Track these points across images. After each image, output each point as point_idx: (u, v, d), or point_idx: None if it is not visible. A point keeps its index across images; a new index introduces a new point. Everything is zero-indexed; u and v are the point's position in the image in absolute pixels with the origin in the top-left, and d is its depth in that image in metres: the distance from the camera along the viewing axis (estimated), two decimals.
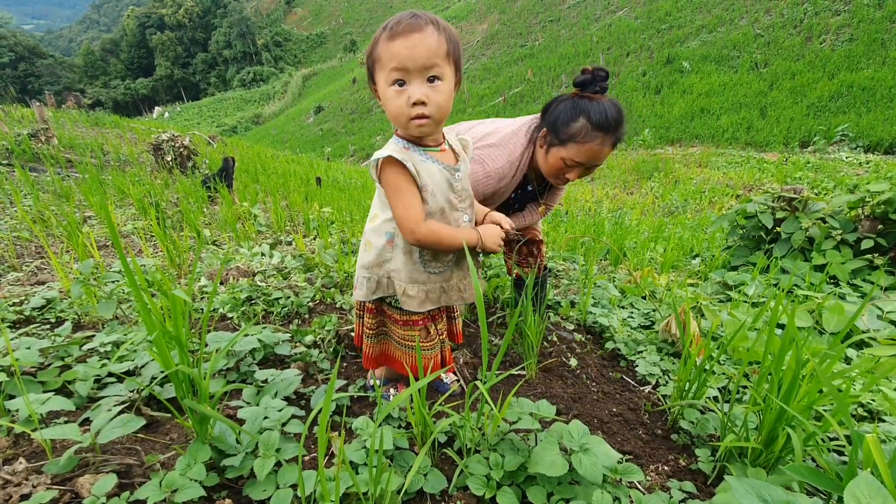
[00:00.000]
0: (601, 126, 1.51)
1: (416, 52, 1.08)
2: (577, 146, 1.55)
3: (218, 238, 3.63)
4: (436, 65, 1.10)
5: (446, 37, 1.11)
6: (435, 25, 1.10)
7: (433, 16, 1.11)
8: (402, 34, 1.08)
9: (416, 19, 1.09)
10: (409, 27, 1.08)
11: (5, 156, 6.21)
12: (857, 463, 0.94)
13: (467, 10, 49.76)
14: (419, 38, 1.08)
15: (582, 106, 1.53)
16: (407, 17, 1.10)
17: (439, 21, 1.12)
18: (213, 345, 1.45)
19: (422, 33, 1.08)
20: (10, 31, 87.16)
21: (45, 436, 1.01)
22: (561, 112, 1.57)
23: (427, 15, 1.11)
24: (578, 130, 1.53)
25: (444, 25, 1.12)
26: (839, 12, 20.76)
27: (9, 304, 1.88)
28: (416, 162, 1.19)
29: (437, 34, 1.10)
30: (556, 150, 1.60)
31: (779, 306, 1.18)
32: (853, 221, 3.20)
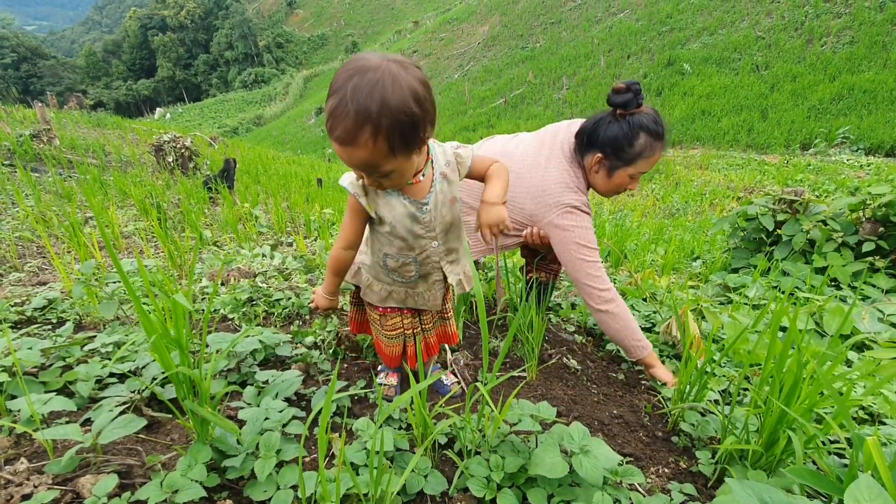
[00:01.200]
0: (660, 136, 1.58)
1: (350, 161, 1.00)
2: (646, 160, 1.61)
3: (219, 239, 3.63)
4: (375, 168, 1.01)
5: (386, 136, 0.94)
6: (370, 128, 0.92)
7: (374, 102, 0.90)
8: (337, 141, 0.96)
9: (346, 122, 0.92)
10: (344, 135, 0.93)
11: (7, 156, 6.22)
12: (858, 465, 0.94)
13: (468, 12, 49.80)
14: (351, 151, 0.96)
15: (636, 123, 1.56)
16: (340, 112, 0.92)
17: (381, 114, 0.91)
18: (214, 346, 1.45)
19: (352, 147, 0.95)
20: (13, 32, 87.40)
21: (47, 436, 1.01)
22: (616, 134, 1.58)
23: (365, 106, 0.90)
24: (644, 146, 1.57)
25: (385, 122, 0.92)
26: (840, 15, 20.76)
27: (10, 305, 1.89)
28: (376, 193, 1.16)
29: (373, 142, 0.94)
30: (623, 170, 1.64)
31: (780, 309, 1.18)
32: (854, 224, 3.20)
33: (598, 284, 1.67)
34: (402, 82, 0.93)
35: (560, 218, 1.65)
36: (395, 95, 0.92)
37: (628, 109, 1.57)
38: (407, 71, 0.95)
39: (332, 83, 0.94)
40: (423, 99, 0.97)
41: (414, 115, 0.95)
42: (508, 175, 1.28)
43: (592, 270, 1.67)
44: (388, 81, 0.91)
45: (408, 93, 0.93)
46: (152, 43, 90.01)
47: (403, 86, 0.93)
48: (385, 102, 0.91)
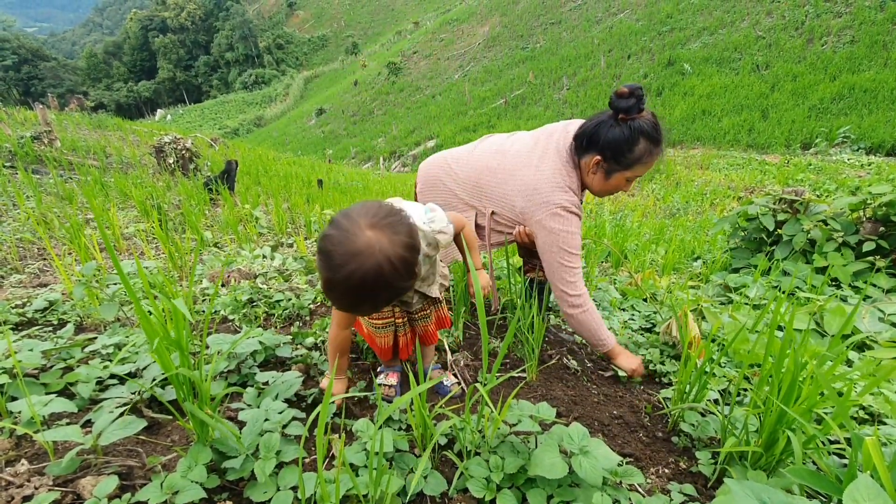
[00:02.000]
0: (659, 142, 1.59)
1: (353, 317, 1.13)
2: (643, 165, 1.62)
3: (219, 240, 3.64)
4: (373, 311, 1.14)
5: (385, 301, 1.06)
6: (369, 305, 1.06)
7: (374, 291, 0.98)
8: (336, 307, 1.10)
9: (346, 300, 1.02)
10: (344, 307, 1.08)
11: (8, 158, 6.23)
12: (857, 466, 0.94)
13: (468, 13, 49.83)
14: (353, 315, 1.13)
15: (637, 128, 1.56)
16: (341, 296, 1.00)
17: (378, 297, 1.02)
18: (214, 347, 1.45)
19: (355, 311, 1.10)
20: (14, 34, 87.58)
21: (48, 437, 1.01)
22: (617, 138, 1.58)
23: (364, 293, 0.98)
24: (643, 152, 1.58)
25: (382, 300, 1.04)
26: (840, 14, 20.75)
27: (11, 306, 1.89)
28: None
29: (372, 308, 1.08)
30: (621, 174, 1.64)
31: (779, 308, 1.18)
32: (855, 223, 3.20)
33: (570, 290, 1.71)
34: (392, 261, 0.97)
35: (548, 219, 1.66)
36: (389, 277, 0.97)
37: (631, 114, 1.57)
38: (391, 240, 0.98)
39: (324, 254, 0.97)
40: (411, 264, 1.02)
41: (405, 286, 1.04)
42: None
43: (569, 276, 1.69)
44: (383, 262, 0.96)
45: (399, 267, 0.98)
46: (153, 44, 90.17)
47: (394, 262, 0.97)
48: (380, 286, 0.98)
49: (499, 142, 1.91)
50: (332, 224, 1.00)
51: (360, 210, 1.01)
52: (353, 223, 0.98)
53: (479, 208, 1.88)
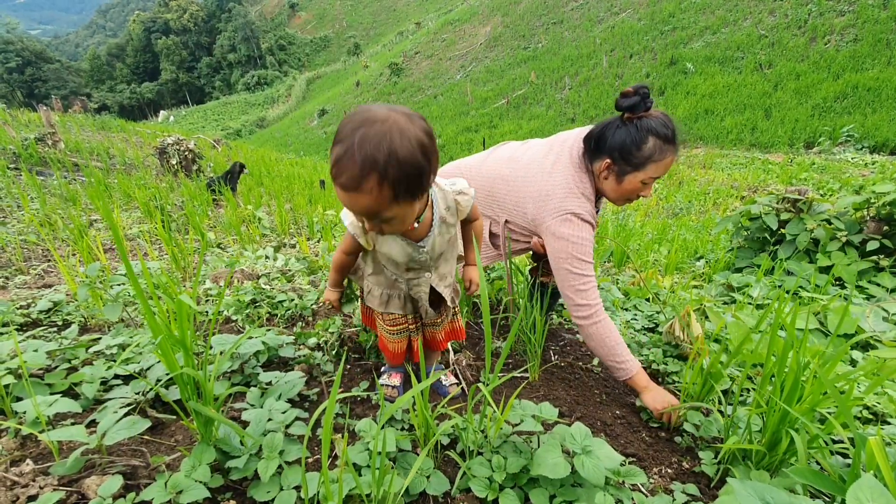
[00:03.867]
0: (671, 139, 1.54)
1: (353, 207, 1.01)
2: (656, 164, 1.56)
3: (222, 241, 3.65)
4: (377, 215, 1.02)
5: (391, 184, 0.95)
6: (376, 177, 0.93)
7: (381, 153, 0.92)
8: (342, 187, 0.97)
9: (352, 170, 0.93)
10: (349, 182, 0.94)
11: (13, 160, 6.26)
12: (861, 465, 0.93)
13: (470, 13, 49.84)
14: (355, 198, 0.97)
15: (644, 126, 1.53)
16: (347, 160, 0.93)
17: (388, 163, 0.92)
18: (217, 347, 1.46)
19: (357, 193, 0.96)
20: (17, 36, 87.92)
21: (53, 437, 1.02)
22: (624, 139, 1.55)
23: (372, 155, 0.91)
24: (653, 150, 1.53)
25: (391, 171, 0.93)
26: (844, 13, 20.68)
27: (16, 307, 1.90)
28: (374, 235, 1.22)
29: (378, 189, 0.95)
30: (633, 175, 1.59)
31: (782, 308, 1.18)
32: (858, 223, 3.19)
33: (580, 300, 1.62)
34: (409, 134, 0.94)
35: (558, 224, 1.61)
36: (403, 147, 0.93)
37: (636, 113, 1.54)
38: (413, 123, 0.96)
39: (338, 133, 0.96)
40: (429, 150, 0.99)
41: (420, 167, 0.97)
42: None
43: (579, 284, 1.61)
44: (395, 133, 0.93)
45: (415, 144, 0.95)
46: (156, 46, 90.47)
47: (411, 137, 0.94)
48: (392, 153, 0.92)
49: (512, 150, 1.89)
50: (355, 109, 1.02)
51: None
52: (376, 105, 0.99)
53: (492, 217, 1.86)
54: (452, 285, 1.44)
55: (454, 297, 1.46)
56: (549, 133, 14.64)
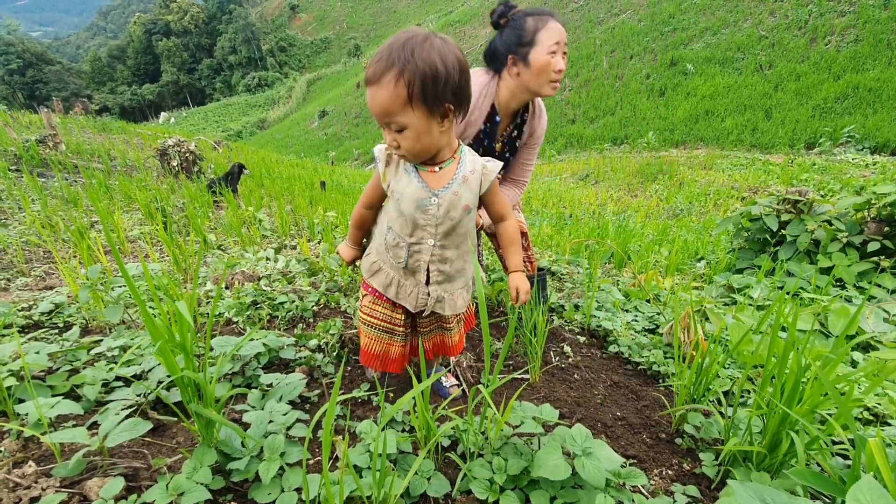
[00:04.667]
0: (543, 12, 1.71)
1: (373, 104, 1.09)
2: (547, 32, 1.69)
3: (223, 242, 3.65)
4: (391, 116, 1.08)
5: (407, 81, 1.04)
6: (395, 71, 1.04)
7: (405, 52, 1.04)
8: (367, 81, 1.08)
9: (378, 65, 1.05)
10: (372, 75, 1.07)
11: (14, 161, 6.27)
12: (861, 466, 0.93)
13: (470, 14, 49.87)
14: (375, 91, 1.07)
15: (517, 17, 1.71)
16: (376, 59, 1.06)
17: (408, 60, 1.03)
18: (218, 349, 1.46)
19: (377, 85, 1.06)
20: (18, 37, 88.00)
21: (55, 439, 1.02)
22: (510, 35, 1.72)
23: (397, 53, 1.04)
24: (534, 24, 1.69)
25: (409, 67, 1.03)
26: (844, 13, 20.66)
27: (18, 309, 1.91)
28: (397, 167, 1.25)
29: (394, 84, 1.04)
30: (533, 51, 1.70)
31: (783, 309, 1.18)
32: (859, 224, 3.19)
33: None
34: (436, 46, 1.06)
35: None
36: (425, 51, 1.04)
37: (506, 16, 1.73)
38: (447, 45, 1.08)
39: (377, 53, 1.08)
40: (452, 66, 1.07)
41: (437, 71, 1.05)
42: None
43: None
44: (422, 41, 1.05)
45: (437, 54, 1.05)
46: (157, 48, 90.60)
47: (436, 48, 1.05)
48: (415, 53, 1.03)
49: None
50: None
51: None
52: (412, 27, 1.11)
53: None
54: (454, 289, 1.36)
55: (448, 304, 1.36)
56: (550, 134, 14.69)
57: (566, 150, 21.91)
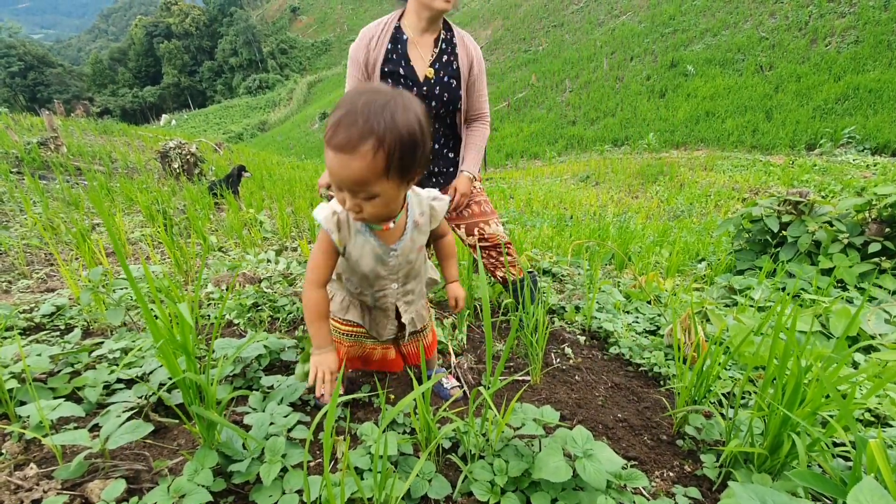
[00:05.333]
0: None
1: (342, 172, 0.97)
2: None
3: (224, 244, 3.66)
4: (363, 186, 0.99)
5: (387, 153, 0.94)
6: (374, 141, 0.93)
7: (385, 118, 0.93)
8: (336, 148, 0.94)
9: (352, 131, 0.93)
10: (345, 143, 0.93)
11: (15, 164, 6.29)
12: (862, 468, 0.93)
13: (471, 16, 49.95)
14: (347, 161, 0.94)
15: None
16: (347, 121, 0.93)
17: (389, 129, 0.93)
18: (219, 351, 1.46)
19: (350, 155, 0.93)
20: (20, 40, 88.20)
21: (56, 441, 1.03)
22: None
23: (376, 118, 0.92)
24: None
25: (390, 137, 0.93)
26: (844, 14, 20.67)
27: (19, 311, 1.91)
28: (349, 232, 1.17)
29: (373, 155, 0.93)
30: None
31: (784, 311, 1.18)
32: (860, 225, 3.19)
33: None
34: (412, 109, 0.97)
35: None
36: (404, 117, 0.95)
37: None
38: (414, 104, 0.99)
39: (341, 102, 0.97)
40: (425, 132, 1.00)
41: (417, 141, 0.98)
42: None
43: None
44: (399, 104, 0.95)
45: (416, 119, 0.97)
46: (158, 50, 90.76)
47: (413, 112, 0.97)
48: (395, 120, 0.94)
49: None
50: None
51: None
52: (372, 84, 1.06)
53: None
54: (417, 305, 1.41)
55: (417, 319, 1.41)
56: (550, 136, 14.65)
57: (567, 151, 21.92)
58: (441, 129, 1.97)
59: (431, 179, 2.04)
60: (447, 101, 1.89)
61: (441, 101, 1.89)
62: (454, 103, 1.91)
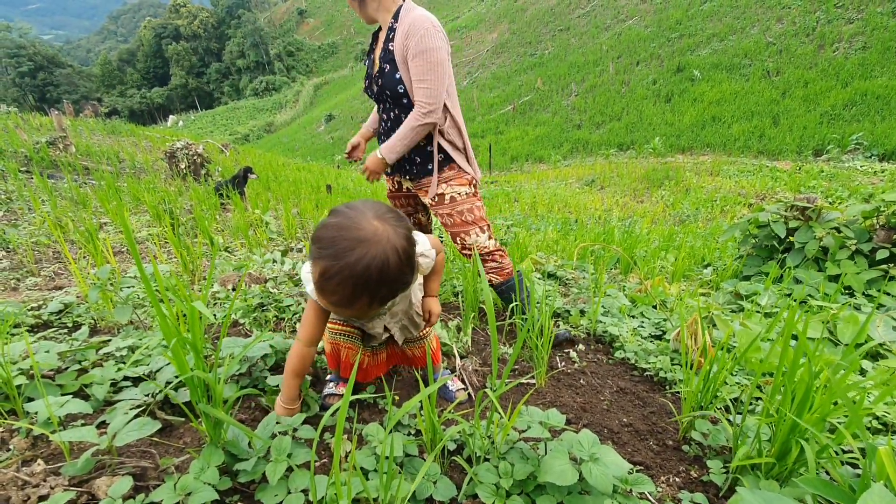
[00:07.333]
0: None
1: (342, 314, 1.09)
2: None
3: (230, 245, 3.67)
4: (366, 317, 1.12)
5: (381, 301, 1.02)
6: (367, 298, 0.98)
7: (371, 280, 0.95)
8: (333, 304, 1.01)
9: (344, 292, 0.96)
10: (339, 301, 0.98)
11: (24, 163, 6.34)
12: (871, 475, 0.93)
13: (477, 20, 50.07)
14: (346, 311, 1.04)
15: None
16: (340, 284, 0.95)
17: (379, 285, 0.97)
18: (226, 350, 1.47)
19: (349, 309, 1.01)
20: (30, 41, 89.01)
21: (64, 438, 1.03)
22: None
23: (361, 283, 0.95)
24: None
25: (380, 293, 0.99)
26: (852, 20, 20.59)
27: (28, 309, 1.92)
28: None
29: (368, 307, 1.02)
30: None
31: (792, 317, 1.18)
32: (868, 231, 3.17)
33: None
34: (398, 251, 0.97)
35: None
36: (393, 266, 0.97)
37: None
38: (396, 232, 0.99)
39: (327, 242, 0.96)
40: (411, 257, 1.03)
41: (406, 280, 1.03)
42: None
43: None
44: (388, 253, 0.95)
45: (403, 260, 0.99)
46: (166, 52, 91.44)
47: (400, 254, 0.98)
48: (384, 277, 0.96)
49: None
50: (335, 213, 1.00)
51: (363, 203, 1.02)
52: (359, 213, 0.99)
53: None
54: (404, 322, 1.43)
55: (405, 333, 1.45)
56: (556, 140, 14.64)
57: (572, 155, 21.90)
58: (400, 117, 1.94)
59: (403, 167, 2.05)
60: (387, 87, 1.89)
61: (384, 92, 1.91)
62: (392, 89, 1.88)
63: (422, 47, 1.77)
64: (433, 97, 1.80)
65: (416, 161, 2.00)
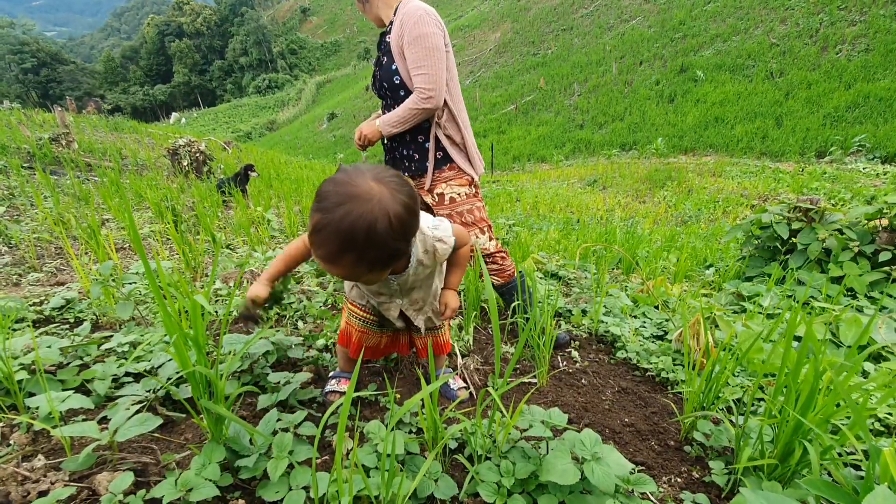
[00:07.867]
0: None
1: (331, 271, 1.03)
2: None
3: (232, 242, 3.67)
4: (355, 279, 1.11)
5: (367, 263, 0.98)
6: (353, 257, 0.95)
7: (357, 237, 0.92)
8: (319, 257, 0.98)
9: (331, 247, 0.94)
10: (324, 255, 0.96)
11: (27, 159, 6.35)
12: (874, 477, 0.92)
13: (480, 19, 50.01)
14: (333, 267, 0.99)
15: None
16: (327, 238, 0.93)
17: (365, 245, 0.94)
18: (227, 347, 1.47)
19: (334, 265, 0.98)
20: (34, 37, 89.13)
21: (65, 433, 1.03)
22: None
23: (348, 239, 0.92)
24: None
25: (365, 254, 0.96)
26: (855, 22, 20.52)
27: (30, 304, 1.92)
28: None
29: (353, 266, 0.98)
30: None
31: (795, 318, 1.17)
32: (871, 233, 3.16)
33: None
34: (390, 215, 0.94)
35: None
36: (382, 229, 0.93)
37: None
38: (394, 196, 0.96)
39: (321, 196, 0.95)
40: (408, 225, 1.00)
41: (396, 249, 1.00)
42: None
43: None
44: (377, 213, 0.93)
45: (395, 225, 0.95)
46: (169, 49, 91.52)
47: (391, 218, 0.94)
48: (371, 236, 0.93)
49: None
50: (340, 171, 1.00)
51: (369, 165, 1.01)
52: (359, 172, 0.98)
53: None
54: (427, 311, 1.43)
55: (428, 322, 1.46)
56: (558, 139, 14.64)
57: (574, 155, 21.86)
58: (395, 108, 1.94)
59: (402, 163, 2.04)
60: (384, 79, 1.91)
61: (382, 84, 1.93)
62: (388, 80, 1.90)
63: (415, 34, 1.78)
64: (432, 82, 1.79)
65: (415, 158, 1.99)
